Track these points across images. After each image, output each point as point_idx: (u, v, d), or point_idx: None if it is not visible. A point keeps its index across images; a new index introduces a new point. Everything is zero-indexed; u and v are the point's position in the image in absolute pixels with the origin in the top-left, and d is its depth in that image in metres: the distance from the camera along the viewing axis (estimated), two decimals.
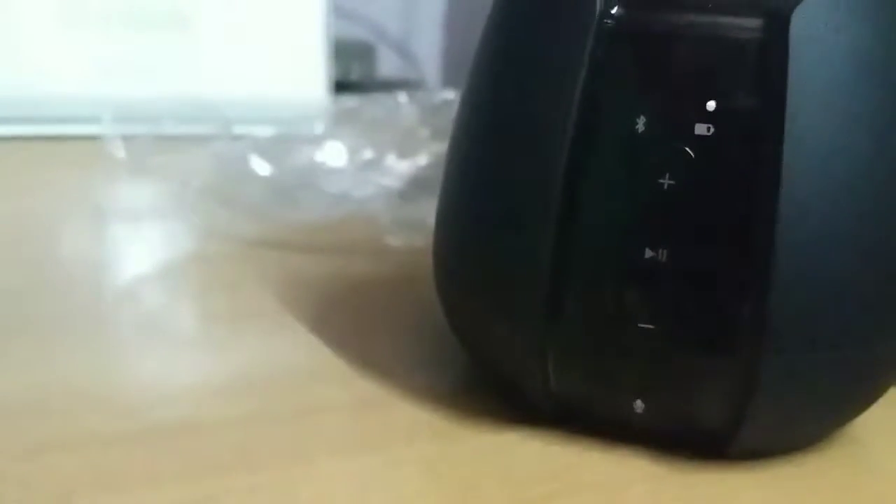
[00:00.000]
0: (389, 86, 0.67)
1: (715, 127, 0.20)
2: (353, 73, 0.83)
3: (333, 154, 0.42)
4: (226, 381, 0.27)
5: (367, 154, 0.43)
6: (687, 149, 0.20)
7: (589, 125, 0.21)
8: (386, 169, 0.42)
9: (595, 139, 0.21)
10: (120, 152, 0.39)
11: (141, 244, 0.38)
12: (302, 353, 0.28)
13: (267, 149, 0.40)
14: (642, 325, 0.21)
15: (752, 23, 0.20)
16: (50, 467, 0.21)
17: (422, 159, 0.43)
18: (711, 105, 0.20)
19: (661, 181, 0.20)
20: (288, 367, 0.28)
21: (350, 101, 0.53)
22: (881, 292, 0.21)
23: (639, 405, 0.22)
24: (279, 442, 0.23)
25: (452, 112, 0.25)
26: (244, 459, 0.22)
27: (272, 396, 0.26)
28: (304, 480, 0.22)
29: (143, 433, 0.23)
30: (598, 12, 0.20)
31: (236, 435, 0.23)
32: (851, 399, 0.23)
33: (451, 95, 0.52)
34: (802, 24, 0.19)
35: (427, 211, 0.30)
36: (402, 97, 0.51)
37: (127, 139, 0.40)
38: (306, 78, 0.60)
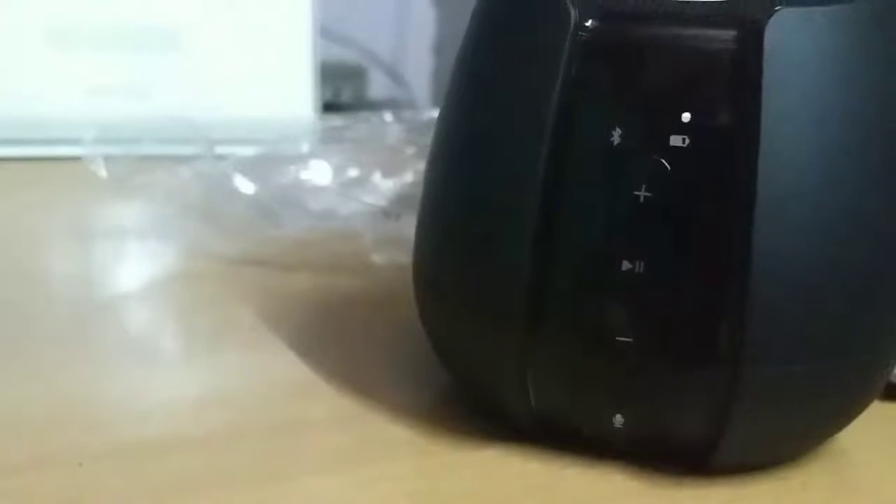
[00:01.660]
0: (380, 107, 0.67)
1: (690, 139, 0.20)
2: (344, 95, 0.83)
3: (318, 172, 0.42)
4: (206, 399, 0.26)
5: (353, 172, 0.43)
6: (663, 160, 0.20)
7: (564, 138, 0.21)
8: (371, 187, 0.42)
9: (571, 152, 0.21)
10: (102, 172, 0.39)
11: (124, 263, 0.38)
12: (283, 370, 0.28)
13: (251, 168, 0.40)
14: (620, 339, 0.21)
15: (727, 34, 0.20)
16: (28, 485, 0.21)
17: (407, 177, 0.43)
18: (686, 117, 0.20)
19: (638, 193, 0.20)
20: (269, 384, 0.27)
21: (336, 120, 0.53)
22: (860, 305, 0.21)
23: (618, 419, 0.22)
24: (258, 459, 0.23)
25: None
26: (223, 477, 0.22)
27: (253, 413, 0.25)
28: (284, 498, 0.21)
29: (123, 451, 0.23)
30: (572, 25, 0.20)
31: (215, 452, 0.23)
32: (833, 412, 0.22)
33: (437, 114, 0.52)
34: (777, 36, 0.19)
35: (411, 229, 0.30)
36: (388, 116, 0.51)
37: (109, 159, 0.40)
38: (293, 98, 0.60)
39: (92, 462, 0.22)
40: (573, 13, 0.21)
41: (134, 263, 0.38)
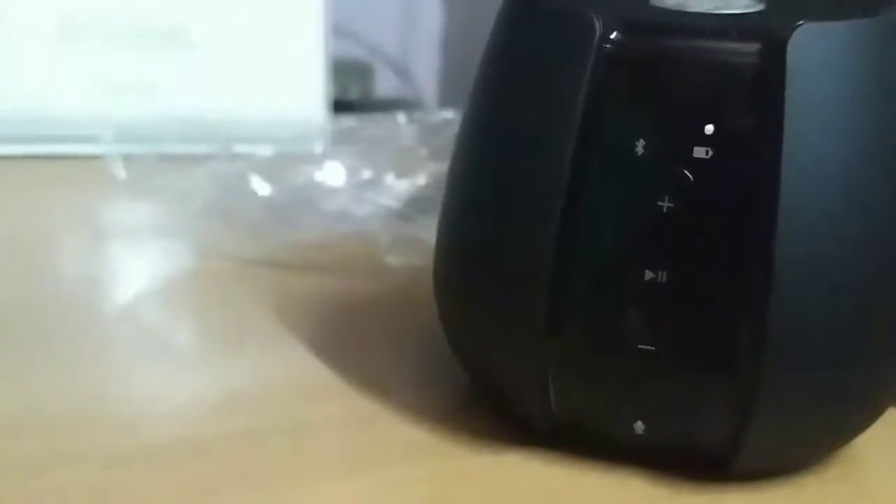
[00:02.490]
0: (387, 105, 0.67)
1: (713, 150, 0.20)
2: (352, 93, 0.83)
3: (332, 173, 0.42)
4: (223, 399, 0.27)
5: (366, 174, 0.43)
6: (686, 172, 0.20)
7: (589, 148, 0.21)
8: (385, 188, 0.42)
9: (595, 162, 0.21)
10: (120, 171, 0.40)
11: (140, 262, 0.38)
12: (300, 371, 0.28)
13: (266, 168, 0.40)
14: (642, 347, 0.21)
15: (750, 47, 0.20)
16: (50, 487, 0.22)
17: (420, 179, 0.43)
18: (710, 128, 0.20)
19: (661, 203, 0.20)
20: (286, 385, 0.28)
21: (349, 120, 0.53)
22: (879, 313, 0.21)
23: (639, 426, 0.22)
24: (276, 460, 0.23)
25: (451, 132, 0.25)
26: (242, 478, 0.22)
27: (270, 414, 0.26)
28: (302, 499, 0.22)
29: (141, 452, 0.23)
30: (597, 37, 0.21)
31: (233, 453, 0.23)
32: (850, 419, 0.23)
33: (450, 115, 0.52)
34: (800, 50, 0.20)
35: (426, 230, 0.30)
36: (400, 117, 0.52)
37: (127, 158, 0.40)
38: (305, 97, 0.60)
39: (114, 463, 0.23)
40: (598, 25, 0.21)
41: (149, 263, 0.38)
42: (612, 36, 0.21)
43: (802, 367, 0.21)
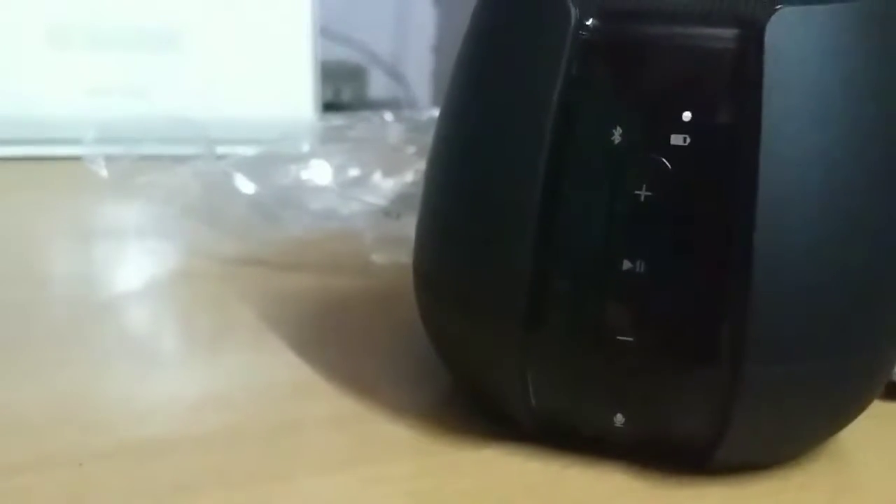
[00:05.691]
0: (380, 107, 0.67)
1: (691, 138, 0.20)
2: (344, 95, 0.83)
3: (319, 172, 0.42)
4: (206, 398, 0.26)
5: (353, 172, 0.43)
6: (664, 160, 0.20)
7: (565, 136, 0.21)
8: (372, 187, 0.42)
9: (571, 151, 0.21)
10: (103, 172, 0.39)
11: (124, 263, 0.38)
12: (283, 370, 0.28)
13: (251, 167, 0.40)
14: (621, 338, 0.21)
15: (728, 33, 0.20)
16: (26, 487, 0.21)
17: (408, 177, 0.43)
18: (687, 116, 0.20)
19: (638, 193, 0.20)
20: (269, 383, 0.27)
21: (337, 119, 0.53)
22: (860, 304, 0.21)
23: (619, 419, 0.22)
24: (259, 459, 0.23)
25: None
26: (223, 477, 0.22)
27: (253, 413, 0.25)
28: (284, 498, 0.21)
29: (122, 451, 0.23)
30: (573, 24, 0.20)
31: (216, 452, 0.23)
32: (834, 411, 0.22)
33: (438, 114, 0.52)
34: (778, 34, 0.19)
35: (412, 229, 0.29)
36: (388, 115, 0.51)
37: (110, 159, 0.40)
38: (294, 98, 0.60)
39: (92, 462, 0.22)
40: (573, 12, 0.20)
41: (134, 263, 0.38)
42: (588, 22, 0.21)
43: (784, 359, 0.20)
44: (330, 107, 0.69)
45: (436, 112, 0.53)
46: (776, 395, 0.20)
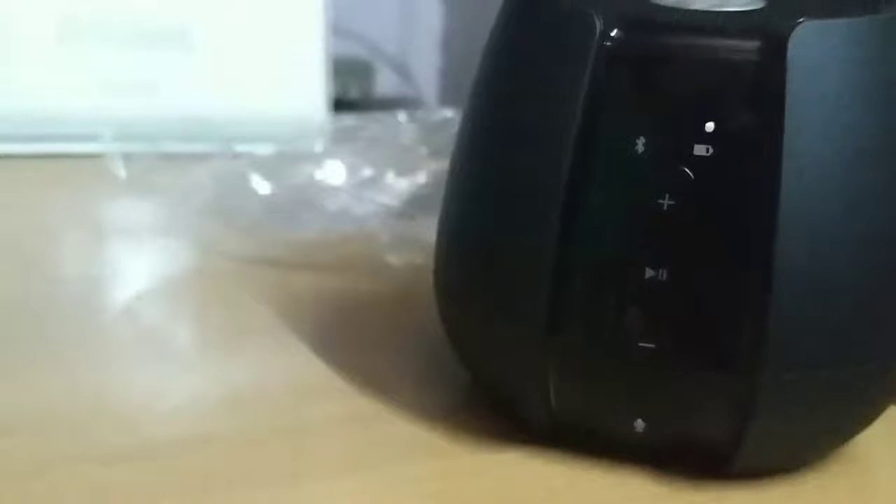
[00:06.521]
0: (387, 104, 0.67)
1: (714, 148, 0.20)
2: (352, 91, 0.83)
3: (333, 172, 0.42)
4: (224, 398, 0.27)
5: (367, 172, 0.43)
6: (686, 169, 0.20)
7: (589, 146, 0.21)
8: (385, 187, 0.42)
9: (595, 160, 0.21)
10: (120, 170, 0.40)
11: (140, 261, 0.38)
12: (300, 370, 0.28)
13: (266, 167, 0.40)
14: (643, 345, 0.21)
15: (751, 45, 0.20)
16: (50, 486, 0.21)
17: (420, 177, 0.43)
18: (710, 126, 0.20)
19: (661, 201, 0.20)
20: (286, 384, 0.28)
21: (349, 119, 0.53)
22: (879, 312, 0.21)
23: (639, 424, 0.22)
24: (276, 459, 0.23)
25: (451, 131, 0.25)
26: (242, 477, 0.22)
27: (270, 413, 0.26)
28: (302, 498, 0.22)
29: (142, 451, 0.23)
30: (597, 34, 0.21)
31: (234, 452, 0.23)
32: (850, 418, 0.23)
33: (450, 114, 0.52)
34: (800, 47, 0.20)
35: (426, 229, 0.30)
36: (401, 116, 0.52)
37: (127, 157, 0.40)
38: (305, 96, 0.60)
39: (114, 462, 0.23)
40: (598, 23, 0.21)
41: (150, 262, 0.38)
42: (613, 34, 0.21)
43: (802, 365, 0.21)
44: (337, 103, 0.69)
45: (447, 113, 0.53)
46: (795, 402, 0.21)
